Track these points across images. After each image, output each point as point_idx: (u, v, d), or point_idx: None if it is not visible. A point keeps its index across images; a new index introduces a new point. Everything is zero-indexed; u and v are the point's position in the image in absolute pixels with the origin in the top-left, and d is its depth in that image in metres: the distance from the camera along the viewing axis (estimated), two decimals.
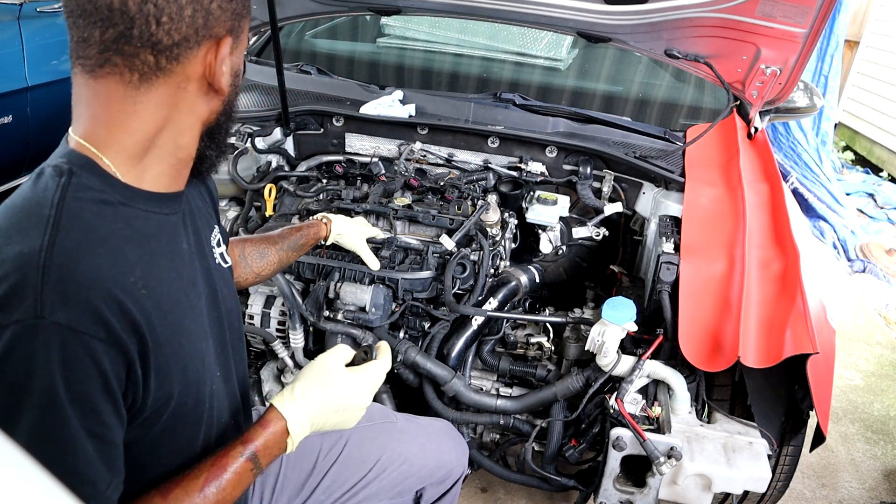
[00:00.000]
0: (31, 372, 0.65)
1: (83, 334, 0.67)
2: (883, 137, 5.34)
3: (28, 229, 0.69)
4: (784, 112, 2.18)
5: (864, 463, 2.28)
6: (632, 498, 1.38)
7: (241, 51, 0.85)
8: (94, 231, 0.72)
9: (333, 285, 1.63)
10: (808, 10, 1.60)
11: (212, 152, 0.88)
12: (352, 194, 1.85)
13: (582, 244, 1.92)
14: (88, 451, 0.68)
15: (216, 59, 0.78)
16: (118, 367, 0.70)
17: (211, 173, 0.93)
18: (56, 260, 0.67)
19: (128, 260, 0.74)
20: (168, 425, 0.81)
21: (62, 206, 0.71)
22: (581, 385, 1.52)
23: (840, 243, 3.90)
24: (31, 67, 2.84)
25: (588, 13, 1.85)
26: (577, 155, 1.90)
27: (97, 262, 0.70)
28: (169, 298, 0.79)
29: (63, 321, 0.65)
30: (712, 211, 1.64)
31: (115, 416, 0.72)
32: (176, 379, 0.79)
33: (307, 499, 1.19)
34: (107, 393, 0.69)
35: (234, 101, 0.87)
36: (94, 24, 0.72)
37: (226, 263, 1.01)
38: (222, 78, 0.79)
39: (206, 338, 0.88)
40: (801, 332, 1.27)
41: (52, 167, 0.75)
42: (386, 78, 2.51)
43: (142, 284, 0.74)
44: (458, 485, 1.37)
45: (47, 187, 0.73)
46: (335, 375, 0.93)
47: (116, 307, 0.70)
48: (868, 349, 2.99)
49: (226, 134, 0.89)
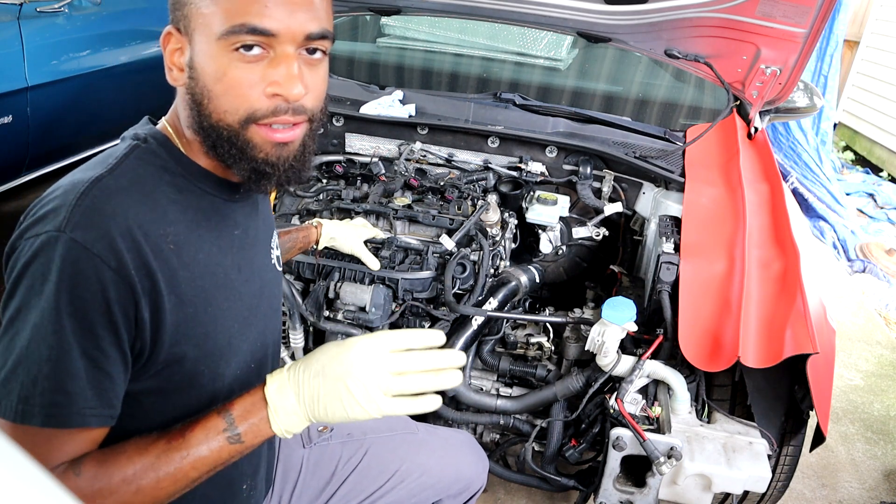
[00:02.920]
0: (46, 276, 0.71)
1: (95, 256, 0.71)
2: (883, 137, 5.34)
3: (89, 169, 0.78)
4: (784, 112, 2.18)
5: (864, 463, 2.28)
6: (632, 498, 1.38)
7: (201, 43, 0.76)
8: (143, 183, 0.79)
9: (333, 285, 1.63)
10: (808, 10, 1.60)
11: (234, 166, 0.82)
12: (352, 194, 1.85)
13: (582, 244, 1.92)
14: (77, 366, 0.72)
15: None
16: (125, 302, 0.73)
17: (260, 189, 0.86)
18: (95, 191, 0.74)
19: (166, 216, 0.79)
20: (180, 385, 0.83)
21: (124, 160, 0.79)
22: (581, 385, 1.52)
23: (840, 243, 3.90)
24: (31, 67, 2.84)
25: (588, 13, 1.85)
26: (577, 155, 1.90)
27: (130, 204, 0.76)
28: (203, 267, 0.83)
29: (79, 239, 0.71)
30: (712, 211, 1.64)
31: (116, 349, 0.74)
32: (193, 342, 0.81)
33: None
34: (109, 321, 0.73)
35: (202, 105, 0.78)
36: None
37: (279, 268, 1.05)
38: (170, 71, 0.81)
39: (241, 322, 0.90)
40: (801, 332, 1.27)
41: (132, 134, 0.85)
42: (386, 78, 2.51)
43: (172, 240, 0.79)
44: (475, 499, 1.35)
45: (122, 147, 0.82)
46: (324, 345, 0.83)
47: (133, 245, 0.74)
48: (868, 349, 2.99)
49: (221, 145, 0.80)
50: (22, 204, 3.28)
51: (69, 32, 3.00)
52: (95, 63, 3.13)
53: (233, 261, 0.89)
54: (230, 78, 0.76)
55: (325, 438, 1.24)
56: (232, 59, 0.76)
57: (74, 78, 3.01)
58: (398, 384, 0.78)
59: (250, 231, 0.93)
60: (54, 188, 0.77)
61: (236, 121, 0.78)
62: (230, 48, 0.75)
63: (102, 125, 3.24)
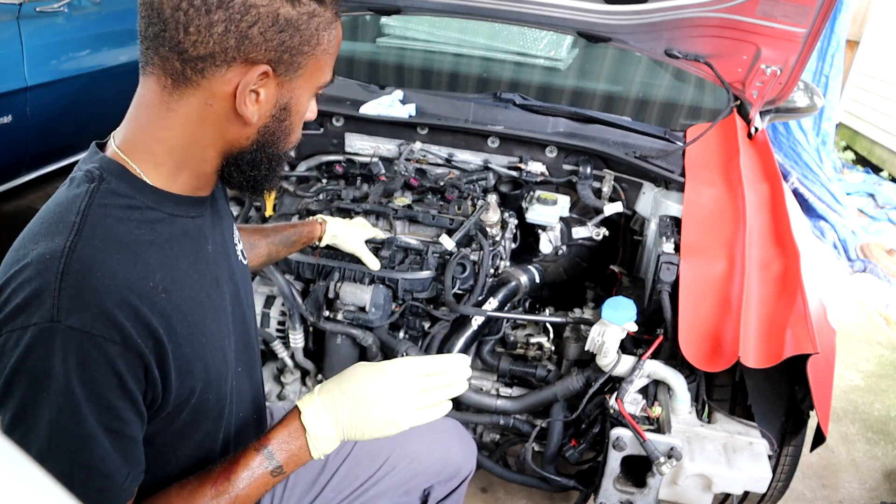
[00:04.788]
0: (49, 371, 0.68)
1: (97, 337, 0.69)
2: (883, 137, 5.33)
3: (53, 234, 0.72)
4: (784, 112, 2.18)
5: (864, 463, 2.28)
6: (632, 498, 1.38)
7: (302, 89, 0.81)
8: (115, 237, 0.74)
9: (333, 285, 1.63)
10: (809, 9, 1.60)
11: (238, 178, 0.84)
12: (352, 194, 1.84)
13: (582, 244, 1.92)
14: (105, 445, 0.71)
15: (240, 85, 0.75)
16: (135, 368, 0.72)
17: (254, 194, 0.91)
18: (74, 266, 0.70)
19: (148, 265, 0.76)
20: (190, 420, 0.83)
21: (87, 213, 0.74)
22: (581, 385, 1.52)
23: (840, 243, 3.90)
24: (31, 67, 2.84)
25: (588, 13, 1.85)
26: (577, 155, 1.90)
27: (114, 268, 0.72)
28: (190, 300, 0.81)
29: (77, 325, 0.68)
30: (712, 211, 1.64)
31: (133, 413, 0.74)
32: (198, 376, 0.81)
33: (318, 495, 1.19)
34: (123, 392, 0.72)
35: (277, 138, 0.83)
36: (144, 18, 0.75)
37: (245, 260, 1.03)
38: (246, 106, 0.76)
39: (228, 335, 0.90)
40: (802, 333, 1.27)
41: (84, 172, 0.78)
42: (386, 78, 2.51)
43: (161, 288, 0.76)
44: (465, 484, 1.37)
45: (77, 194, 0.76)
46: (354, 368, 0.90)
47: (131, 312, 0.72)
48: (868, 349, 2.98)
49: (256, 167, 0.84)
50: (21, 204, 3.28)
51: (69, 32, 3.00)
52: (95, 63, 3.13)
53: (211, 278, 0.88)
54: (306, 113, 0.86)
55: None
56: (311, 98, 0.85)
57: (74, 78, 3.01)
58: (424, 400, 0.90)
59: (218, 239, 0.92)
60: (18, 263, 0.72)
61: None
62: (318, 91, 0.85)
63: (102, 125, 3.22)
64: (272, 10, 0.73)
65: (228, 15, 0.71)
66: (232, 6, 0.71)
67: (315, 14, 0.77)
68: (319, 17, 0.77)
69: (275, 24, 0.73)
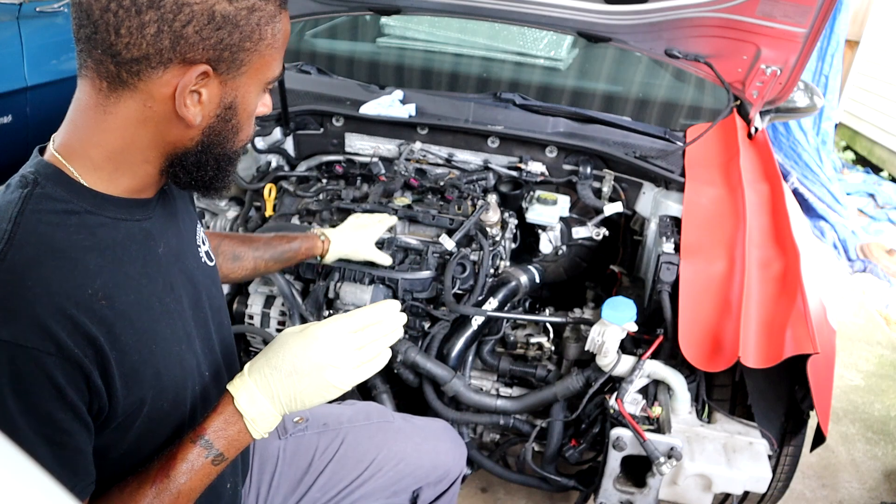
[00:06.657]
0: None
1: (31, 349, 0.66)
2: (883, 137, 5.33)
3: None
4: (784, 112, 2.17)
5: (864, 463, 2.28)
6: (632, 498, 1.38)
7: (248, 86, 0.78)
8: (50, 244, 0.71)
9: (333, 285, 1.63)
10: (809, 9, 1.60)
11: (184, 179, 0.82)
12: (352, 194, 1.84)
13: (582, 244, 1.92)
14: (47, 458, 0.68)
15: (179, 86, 0.72)
16: (75, 379, 0.70)
17: (206, 195, 0.87)
18: (4, 276, 0.67)
19: (87, 271, 0.73)
20: (145, 429, 0.81)
21: (19, 221, 0.71)
22: (581, 385, 1.52)
23: (840, 243, 3.90)
24: (31, 67, 2.84)
25: (588, 13, 1.85)
26: (577, 155, 1.90)
27: (48, 276, 0.69)
28: (137, 306, 0.78)
29: (9, 338, 0.66)
30: (712, 211, 1.64)
31: (77, 423, 0.71)
32: (148, 384, 0.79)
33: (303, 496, 1.19)
34: (63, 403, 0.69)
35: (223, 138, 0.80)
36: (76, 20, 0.72)
37: (211, 262, 1.00)
38: (187, 108, 0.74)
39: (186, 340, 0.87)
40: (802, 333, 1.27)
41: (19, 177, 0.76)
42: (386, 78, 2.51)
43: (102, 295, 0.73)
44: (455, 486, 1.36)
45: (10, 200, 0.73)
46: (281, 340, 0.87)
47: (67, 321, 0.69)
48: (868, 349, 2.98)
49: (202, 168, 0.81)
50: None
51: (69, 32, 3.00)
52: None
53: (164, 282, 0.84)
54: (255, 110, 0.83)
55: (301, 429, 1.24)
56: (261, 95, 0.82)
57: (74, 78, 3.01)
58: (361, 356, 0.87)
59: (171, 241, 0.88)
60: None
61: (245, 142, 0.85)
62: (267, 86, 0.82)
63: None
64: (207, 8, 0.70)
65: (160, 15, 0.68)
66: (163, 5, 0.68)
67: (255, 9, 0.74)
68: (260, 12, 0.74)
69: (211, 22, 0.71)
